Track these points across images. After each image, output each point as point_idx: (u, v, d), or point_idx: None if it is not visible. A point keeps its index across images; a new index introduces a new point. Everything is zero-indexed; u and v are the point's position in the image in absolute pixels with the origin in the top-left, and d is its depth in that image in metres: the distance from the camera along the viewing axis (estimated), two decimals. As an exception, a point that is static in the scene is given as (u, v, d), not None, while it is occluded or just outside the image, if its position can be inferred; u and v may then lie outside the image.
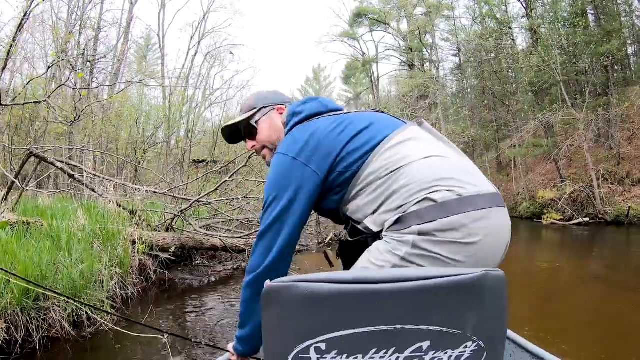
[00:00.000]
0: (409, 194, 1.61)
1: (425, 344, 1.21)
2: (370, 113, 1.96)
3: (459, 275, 1.19)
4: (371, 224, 1.70)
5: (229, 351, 2.01)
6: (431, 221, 1.55)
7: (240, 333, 1.87)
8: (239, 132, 2.22)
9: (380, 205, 1.67)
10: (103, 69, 26.76)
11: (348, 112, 2.00)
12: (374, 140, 1.78)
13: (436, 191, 1.58)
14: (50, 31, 22.33)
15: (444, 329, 1.20)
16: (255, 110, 2.17)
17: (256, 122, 2.16)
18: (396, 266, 1.58)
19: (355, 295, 1.17)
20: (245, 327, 1.84)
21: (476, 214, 1.58)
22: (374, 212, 1.70)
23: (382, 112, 2.01)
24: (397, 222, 1.61)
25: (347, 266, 1.92)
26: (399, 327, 1.19)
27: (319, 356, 1.21)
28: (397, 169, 1.67)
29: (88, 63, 22.59)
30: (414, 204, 1.59)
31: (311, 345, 1.21)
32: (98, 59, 23.89)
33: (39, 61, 22.86)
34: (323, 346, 1.21)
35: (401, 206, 1.61)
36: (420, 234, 1.56)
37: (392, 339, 1.20)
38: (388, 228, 1.63)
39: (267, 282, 1.24)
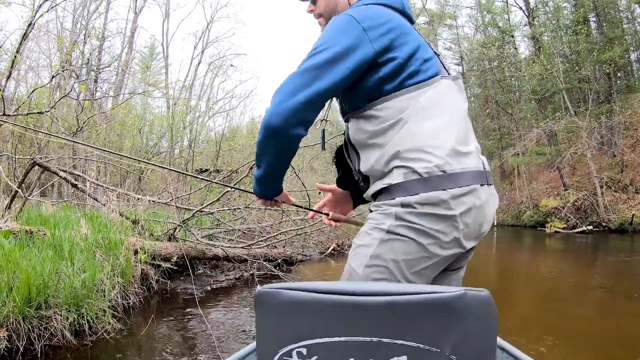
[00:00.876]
0: (400, 157, 1.68)
1: (402, 359, 1.23)
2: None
3: (436, 293, 1.21)
4: (365, 167, 1.81)
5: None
6: (414, 194, 1.61)
7: (256, 173, 1.89)
8: None
9: (380, 155, 1.73)
10: (106, 79, 26.93)
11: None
12: (434, 70, 1.78)
13: (422, 165, 1.63)
14: (55, 40, 22.49)
15: (422, 346, 1.21)
16: None
17: None
18: (383, 240, 1.64)
19: (333, 305, 1.22)
20: (259, 168, 1.84)
21: (457, 190, 1.62)
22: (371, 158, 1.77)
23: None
24: (383, 191, 1.71)
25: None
26: (375, 339, 1.22)
27: (300, 360, 1.26)
28: (406, 121, 1.70)
29: (92, 72, 22.73)
30: (401, 175, 1.65)
31: (293, 349, 1.26)
32: (102, 69, 24.02)
33: (44, 70, 23.01)
34: (304, 351, 1.25)
35: (391, 169, 1.70)
36: (402, 205, 1.62)
37: (370, 350, 1.23)
38: (376, 197, 1.76)
39: (258, 288, 1.33)
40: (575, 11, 28.75)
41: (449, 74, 1.87)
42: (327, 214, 2.25)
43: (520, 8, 33.07)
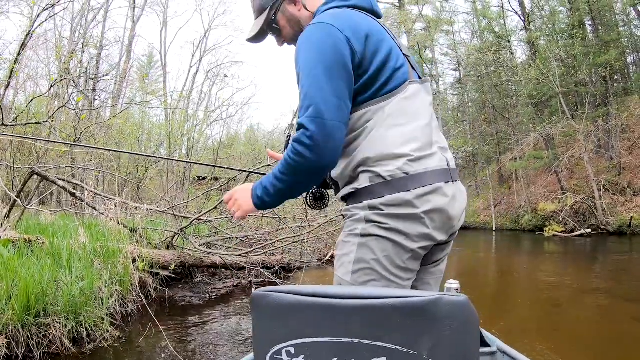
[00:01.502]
0: (366, 163, 1.77)
1: None
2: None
3: (411, 297, 1.26)
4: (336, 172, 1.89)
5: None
6: (380, 197, 1.72)
7: (273, 189, 1.80)
8: (263, 32, 2.14)
9: (348, 162, 1.82)
10: (104, 88, 26.97)
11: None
12: (402, 78, 1.83)
13: (387, 169, 1.73)
14: (53, 49, 22.55)
15: (399, 348, 1.26)
16: (267, 11, 2.10)
17: (275, 22, 2.10)
18: (360, 244, 1.74)
19: (317, 307, 1.30)
20: (284, 189, 1.79)
21: (421, 190, 1.72)
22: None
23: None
24: (351, 195, 1.82)
25: None
26: (356, 340, 1.28)
27: (289, 359, 1.34)
28: (371, 129, 1.78)
29: (90, 81, 22.77)
30: (367, 179, 1.76)
31: (283, 348, 1.34)
32: (100, 78, 24.06)
33: (42, 79, 23.06)
34: (292, 350, 1.33)
35: (358, 174, 1.79)
36: (370, 208, 1.73)
37: (351, 351, 1.29)
38: (345, 200, 1.87)
39: (253, 291, 1.42)
40: (571, 15, 28.85)
41: (419, 77, 1.95)
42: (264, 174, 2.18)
43: (516, 13, 33.22)
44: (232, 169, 6.46)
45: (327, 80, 1.70)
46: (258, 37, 2.17)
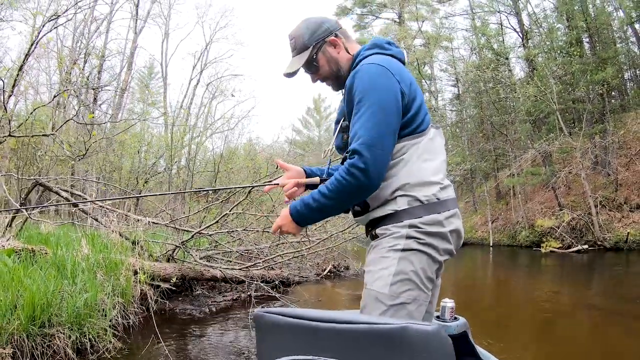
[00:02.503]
0: (405, 188, 2.10)
1: None
2: None
3: (379, 324, 1.39)
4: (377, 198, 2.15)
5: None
6: (419, 217, 2.06)
7: (316, 205, 2.11)
8: (293, 66, 2.37)
9: (386, 185, 2.11)
10: (106, 99, 27.12)
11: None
12: (428, 122, 2.21)
13: (425, 194, 2.09)
14: (54, 58, 22.72)
15: None
16: (309, 50, 2.33)
17: (315, 60, 2.34)
18: (401, 258, 2.04)
19: (300, 328, 1.49)
20: (329, 207, 2.11)
21: (447, 213, 2.13)
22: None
23: None
24: (389, 216, 2.11)
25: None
26: None
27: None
28: (408, 160, 2.12)
29: (92, 91, 22.90)
30: (406, 202, 2.08)
31: None
32: (102, 88, 24.19)
33: (43, 87, 23.21)
34: None
35: (395, 198, 2.10)
36: (410, 226, 2.05)
37: None
38: (379, 221, 2.16)
39: (255, 310, 1.68)
40: (568, 32, 29.05)
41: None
42: (277, 184, 2.51)
43: (515, 30, 33.44)
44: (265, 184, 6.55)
45: (383, 115, 2.02)
46: (295, 73, 2.40)
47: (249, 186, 5.94)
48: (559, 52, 27.54)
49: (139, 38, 31.60)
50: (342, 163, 2.28)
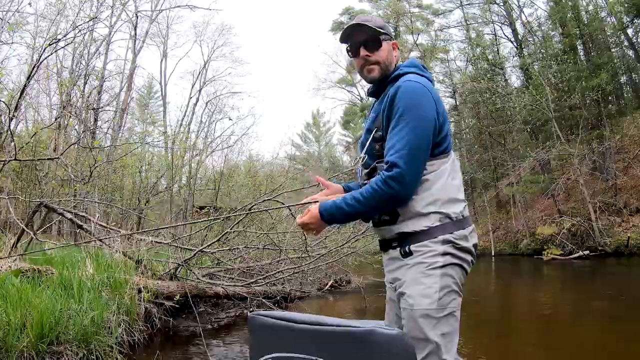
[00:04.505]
0: (437, 203, 2.29)
1: None
2: None
3: (350, 327, 1.61)
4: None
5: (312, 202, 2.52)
6: (450, 233, 2.27)
7: (350, 210, 2.29)
8: (359, 35, 2.53)
9: (419, 199, 2.29)
10: (107, 120, 27.27)
11: None
12: (451, 145, 2.44)
13: (454, 211, 2.31)
14: (54, 79, 22.93)
15: None
16: (385, 32, 2.54)
17: (380, 41, 2.52)
18: (443, 274, 2.22)
19: (286, 329, 1.71)
20: (361, 211, 2.31)
21: (470, 228, 2.36)
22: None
23: None
24: (422, 232, 2.27)
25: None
26: (314, 358, 1.64)
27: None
28: (439, 177, 2.32)
29: (92, 111, 23.09)
30: (438, 219, 2.27)
31: (267, 359, 1.74)
32: (101, 109, 24.38)
33: (43, 107, 23.40)
34: None
35: (429, 213, 2.28)
36: (444, 242, 2.24)
37: None
38: (408, 235, 2.31)
39: (249, 314, 1.89)
40: (563, 40, 29.26)
41: None
42: (317, 201, 2.53)
43: (509, 39, 33.72)
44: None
45: (421, 132, 2.22)
46: (363, 28, 2.52)
47: (285, 206, 6.04)
48: (554, 59, 27.71)
49: (137, 58, 31.78)
50: (368, 172, 2.48)
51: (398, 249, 2.34)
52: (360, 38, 2.52)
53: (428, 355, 2.11)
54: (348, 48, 2.62)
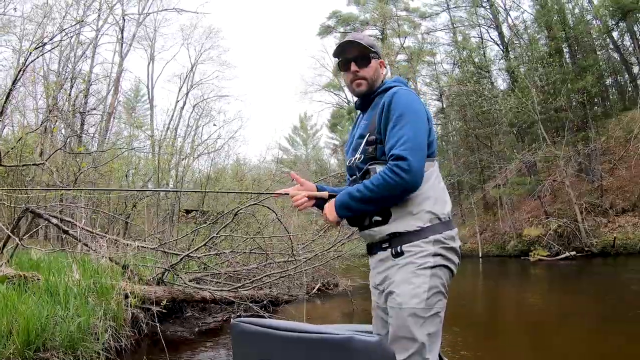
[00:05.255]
0: (427, 203, 2.42)
1: None
2: None
3: (329, 334, 1.64)
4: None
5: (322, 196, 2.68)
6: (440, 233, 2.39)
7: (358, 206, 2.43)
8: (351, 51, 2.71)
9: (412, 197, 2.40)
10: (94, 124, 27.13)
11: None
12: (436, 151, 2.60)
13: (442, 212, 2.44)
14: (40, 82, 22.78)
15: None
16: (374, 51, 2.72)
17: (369, 59, 2.70)
18: (432, 275, 2.33)
19: (266, 336, 1.74)
20: (366, 203, 2.41)
21: (455, 230, 2.51)
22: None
23: None
24: (414, 232, 2.37)
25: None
26: None
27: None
28: (429, 178, 2.46)
29: (78, 115, 22.93)
30: (428, 220, 2.39)
31: None
32: (88, 112, 24.22)
33: (29, 111, 23.24)
34: None
35: (419, 212, 2.40)
36: (435, 242, 2.36)
37: None
38: (398, 235, 2.41)
39: (232, 321, 1.96)
40: (549, 42, 29.45)
41: None
42: (287, 193, 2.76)
43: (496, 42, 33.91)
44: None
45: (420, 130, 2.39)
46: (355, 45, 2.70)
47: (263, 193, 6.13)
48: (539, 62, 27.92)
49: (124, 61, 31.70)
50: (362, 174, 2.57)
51: (389, 249, 2.43)
52: (351, 54, 2.70)
53: (413, 354, 2.18)
54: (340, 63, 2.78)
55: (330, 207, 2.50)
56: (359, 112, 2.91)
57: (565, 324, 8.59)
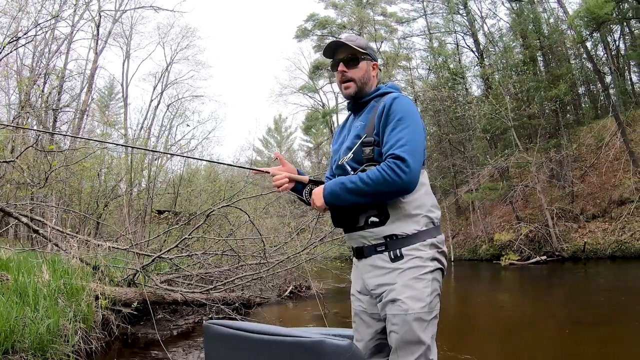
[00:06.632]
0: (424, 208, 2.47)
1: None
2: None
3: (301, 337, 1.67)
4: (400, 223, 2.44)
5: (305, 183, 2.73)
6: (434, 237, 2.44)
7: (350, 198, 2.40)
8: (341, 52, 2.72)
9: (409, 201, 2.43)
10: (66, 121, 26.81)
11: None
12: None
13: (436, 216, 2.50)
14: (13, 77, 22.45)
15: None
16: (365, 53, 2.70)
17: (359, 60, 2.69)
18: (432, 279, 2.39)
19: (239, 338, 1.77)
20: (358, 196, 2.38)
21: (443, 234, 2.54)
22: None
23: None
24: (412, 235, 2.39)
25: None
26: None
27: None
28: (423, 184, 2.50)
29: (51, 111, 22.64)
30: (424, 224, 2.43)
31: None
32: (61, 109, 23.93)
33: (2, 107, 22.91)
34: None
35: (416, 215, 2.43)
36: (432, 246, 2.41)
37: None
38: (395, 237, 2.41)
39: (204, 323, 1.98)
40: (522, 51, 29.83)
41: None
42: (268, 172, 2.80)
43: (471, 49, 34.21)
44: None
45: (419, 136, 2.43)
46: (345, 47, 2.70)
47: (248, 167, 6.10)
48: (514, 70, 28.23)
49: (99, 58, 31.31)
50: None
51: (385, 252, 2.41)
52: (341, 55, 2.71)
53: (419, 356, 2.23)
54: (331, 63, 2.78)
55: (318, 193, 2.51)
56: (349, 112, 2.90)
57: (535, 327, 8.70)
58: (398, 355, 2.27)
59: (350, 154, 2.58)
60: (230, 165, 9.85)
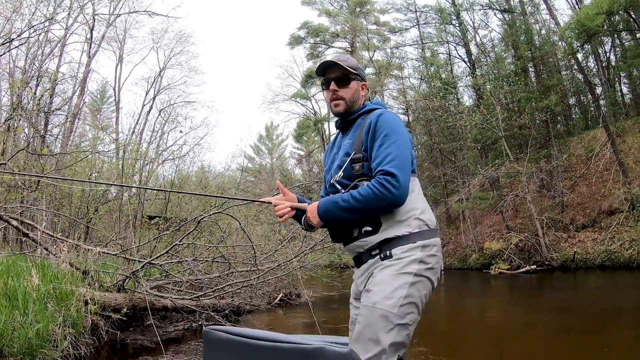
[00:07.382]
0: (415, 212, 2.51)
1: None
2: None
3: (301, 344, 1.69)
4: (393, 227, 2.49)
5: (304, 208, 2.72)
6: (428, 239, 2.47)
7: (343, 214, 2.50)
8: (333, 71, 2.81)
9: (400, 208, 2.47)
10: (58, 124, 26.70)
11: None
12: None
13: (429, 219, 2.55)
14: (5, 79, 22.35)
15: None
16: (356, 73, 2.82)
17: (350, 80, 2.80)
18: (412, 283, 2.36)
19: (239, 344, 1.76)
20: (350, 212, 2.48)
21: (439, 239, 2.58)
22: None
23: None
24: (403, 237, 2.44)
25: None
26: None
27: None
28: (413, 190, 2.54)
29: (43, 114, 22.57)
30: (417, 226, 2.47)
31: None
32: (53, 112, 23.84)
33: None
34: None
35: (407, 219, 2.48)
36: (423, 247, 2.42)
37: None
38: (389, 241, 2.46)
39: (204, 328, 1.97)
40: (514, 62, 30.01)
41: None
42: (270, 202, 2.83)
43: (463, 60, 34.39)
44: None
45: (407, 149, 2.52)
46: (337, 66, 2.81)
47: (246, 200, 6.09)
48: (505, 80, 28.40)
49: (92, 62, 31.20)
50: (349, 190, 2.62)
51: (378, 255, 2.47)
52: (333, 74, 2.81)
53: (371, 358, 2.17)
54: (322, 81, 2.89)
55: (312, 211, 2.59)
56: (337, 131, 3.00)
57: (525, 335, 8.73)
58: (354, 348, 2.23)
59: (340, 172, 2.68)
60: (232, 198, 9.84)
